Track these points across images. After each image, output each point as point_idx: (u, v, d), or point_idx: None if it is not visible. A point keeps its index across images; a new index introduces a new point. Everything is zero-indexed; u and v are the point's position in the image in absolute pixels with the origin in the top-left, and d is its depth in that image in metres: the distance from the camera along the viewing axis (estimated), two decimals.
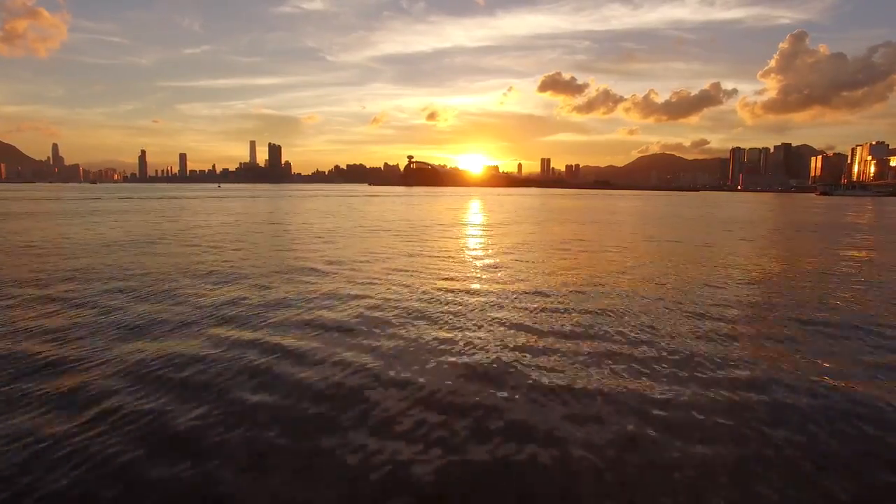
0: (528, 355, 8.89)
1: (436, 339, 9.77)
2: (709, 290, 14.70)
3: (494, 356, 8.83)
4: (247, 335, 9.83)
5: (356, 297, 13.19)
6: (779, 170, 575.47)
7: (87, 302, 12.29)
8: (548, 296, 13.55)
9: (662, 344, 9.58)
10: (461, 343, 9.52)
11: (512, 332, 10.27)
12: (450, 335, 9.98)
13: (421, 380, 7.81)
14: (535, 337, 9.92)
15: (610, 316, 11.58)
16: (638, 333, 10.22)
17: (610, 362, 8.58)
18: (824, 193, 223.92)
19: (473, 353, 8.97)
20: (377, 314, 11.50)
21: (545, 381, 7.77)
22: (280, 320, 10.91)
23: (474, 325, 10.76)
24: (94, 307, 11.82)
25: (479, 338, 9.84)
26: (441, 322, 10.94)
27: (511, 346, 9.39)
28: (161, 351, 8.87)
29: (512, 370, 8.22)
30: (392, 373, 8.06)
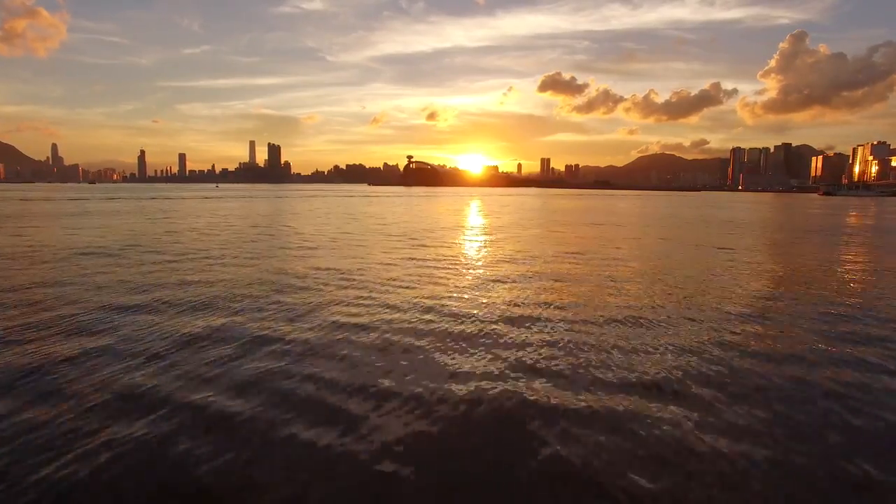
0: (552, 417, 6.59)
1: (431, 395, 7.46)
2: (760, 310, 12.40)
3: (509, 414, 6.55)
4: (179, 391, 7.50)
5: (338, 326, 10.86)
6: (779, 170, 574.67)
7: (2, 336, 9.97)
8: (574, 329, 11.25)
9: (725, 394, 7.25)
10: (465, 398, 7.24)
11: (531, 380, 7.96)
12: (453, 388, 7.68)
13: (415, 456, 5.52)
14: (566, 391, 7.60)
15: (648, 354, 9.26)
16: (691, 379, 7.90)
17: (663, 421, 6.28)
18: (828, 193, 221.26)
19: (480, 412, 6.69)
20: (363, 353, 9.20)
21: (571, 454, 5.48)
22: (232, 370, 8.59)
23: (482, 367, 8.46)
24: (4, 342, 9.49)
25: (490, 388, 7.54)
26: (440, 369, 8.64)
27: (528, 401, 7.09)
28: (66, 415, 6.56)
29: (528, 438, 5.92)
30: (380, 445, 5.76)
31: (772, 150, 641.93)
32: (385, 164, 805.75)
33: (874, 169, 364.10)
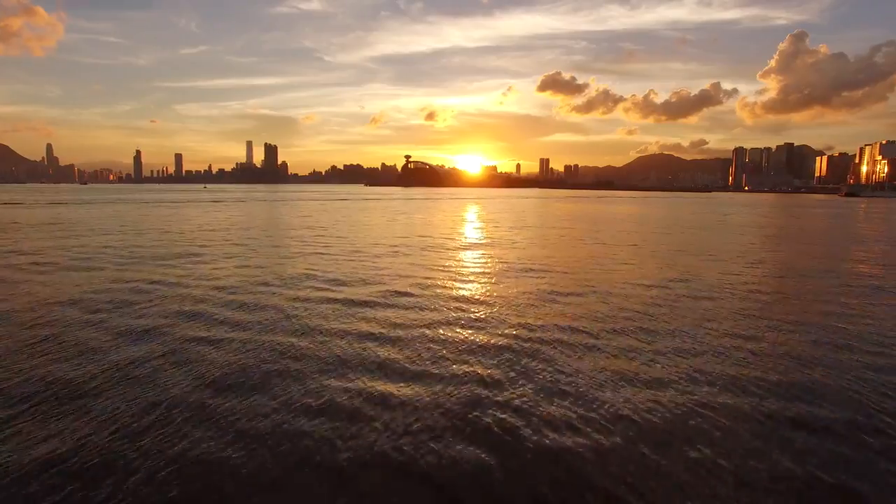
0: None
1: None
2: None
3: None
4: None
5: None
6: (781, 170, 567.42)
7: None
8: None
9: None
10: None
11: None
12: None
13: None
14: None
15: None
16: None
17: None
18: (850, 194, 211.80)
19: None
20: None
21: None
22: None
23: None
24: None
25: None
26: None
27: None
28: None
29: None
30: None
31: (774, 150, 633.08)
32: (383, 165, 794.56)
33: (885, 169, 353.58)
